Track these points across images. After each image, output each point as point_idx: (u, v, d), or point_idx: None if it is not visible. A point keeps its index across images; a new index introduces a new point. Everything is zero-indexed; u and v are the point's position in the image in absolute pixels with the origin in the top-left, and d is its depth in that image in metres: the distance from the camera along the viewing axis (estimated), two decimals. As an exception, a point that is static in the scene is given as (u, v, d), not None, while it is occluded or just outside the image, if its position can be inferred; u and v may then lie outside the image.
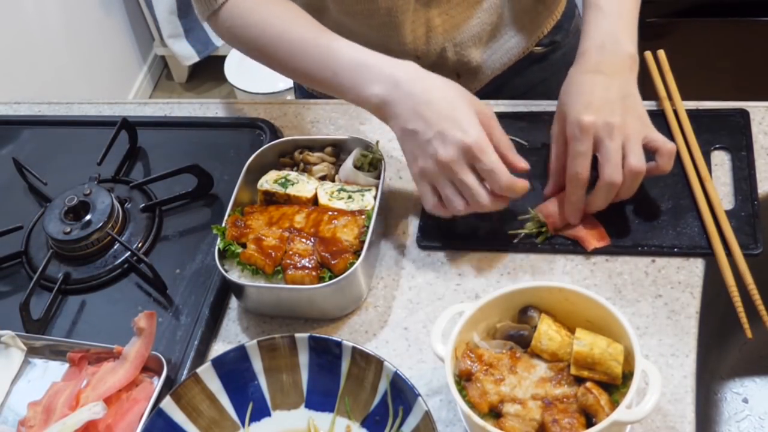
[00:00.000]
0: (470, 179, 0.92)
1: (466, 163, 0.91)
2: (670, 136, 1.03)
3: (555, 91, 1.00)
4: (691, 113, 1.07)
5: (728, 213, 0.96)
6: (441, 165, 0.92)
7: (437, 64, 1.17)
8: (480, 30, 1.17)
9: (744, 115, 1.05)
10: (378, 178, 1.03)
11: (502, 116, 1.12)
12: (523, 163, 0.95)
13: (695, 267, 0.93)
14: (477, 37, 1.18)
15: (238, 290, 0.98)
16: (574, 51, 1.30)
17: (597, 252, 0.96)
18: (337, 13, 1.14)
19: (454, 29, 1.16)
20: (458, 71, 1.20)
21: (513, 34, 1.22)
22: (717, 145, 1.03)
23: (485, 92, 1.23)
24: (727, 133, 1.04)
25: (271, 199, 1.04)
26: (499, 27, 1.20)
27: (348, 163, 1.04)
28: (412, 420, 0.83)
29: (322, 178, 1.05)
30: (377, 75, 0.96)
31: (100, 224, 1.08)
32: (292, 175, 1.05)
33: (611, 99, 0.95)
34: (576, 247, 0.97)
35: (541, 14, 1.22)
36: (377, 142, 1.04)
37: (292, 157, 1.08)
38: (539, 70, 1.27)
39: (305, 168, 1.06)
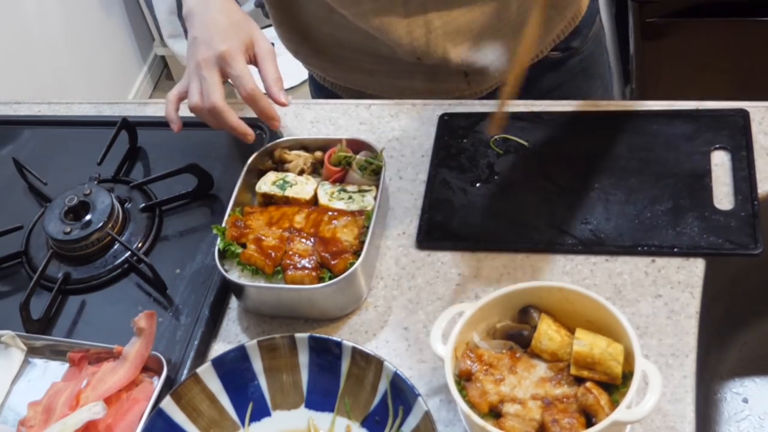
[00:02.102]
0: (211, 77, 1.03)
1: (217, 65, 1.03)
2: None
3: (570, 97, 1.00)
4: (691, 113, 1.07)
5: (728, 213, 0.96)
6: (197, 64, 1.04)
7: (441, 64, 1.17)
8: (482, 32, 1.17)
9: (744, 115, 1.05)
10: (378, 178, 1.03)
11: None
12: (282, 98, 1.04)
13: (695, 267, 0.93)
14: (480, 39, 1.18)
15: (238, 290, 0.98)
16: (592, 57, 1.30)
17: (597, 252, 0.96)
18: (338, 16, 1.15)
19: (455, 31, 1.16)
20: (465, 71, 1.20)
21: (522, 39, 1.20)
22: (717, 145, 1.03)
23: (497, 95, 1.22)
24: (727, 133, 1.04)
25: (270, 201, 1.04)
26: (503, 30, 1.19)
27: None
28: (412, 420, 0.83)
29: (300, 173, 1.05)
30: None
31: (100, 224, 1.08)
32: (291, 176, 1.05)
33: None
34: (574, 249, 0.97)
35: (552, 19, 1.21)
36: (382, 150, 1.04)
37: (273, 160, 1.08)
38: (555, 75, 1.26)
39: (282, 167, 1.06)
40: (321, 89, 1.35)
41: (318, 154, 1.07)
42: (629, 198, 1.00)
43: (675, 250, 0.95)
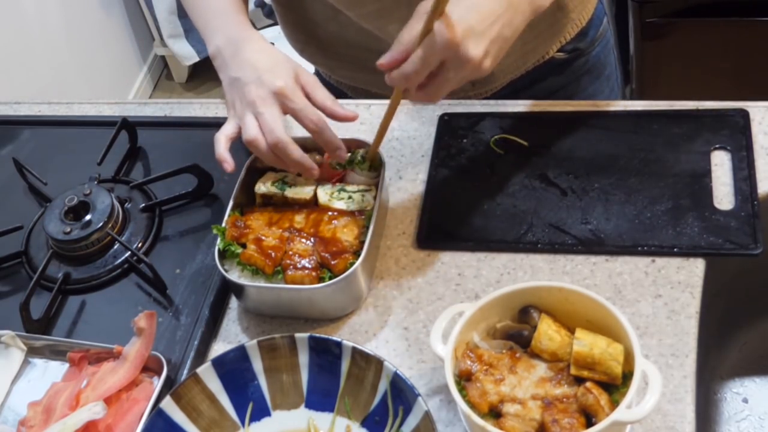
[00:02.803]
0: (271, 112, 0.98)
1: (276, 102, 0.98)
2: None
3: (575, 98, 1.00)
4: (691, 113, 1.07)
5: (728, 213, 0.96)
6: (249, 103, 0.98)
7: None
8: None
9: (744, 115, 1.06)
10: (378, 178, 1.03)
11: (502, 116, 1.13)
12: (350, 112, 1.00)
13: (695, 267, 0.93)
14: None
15: (238, 290, 0.98)
16: (598, 59, 1.29)
17: (597, 252, 0.96)
18: (343, 16, 1.15)
19: None
20: None
21: (529, 39, 1.19)
22: (717, 145, 1.03)
23: (502, 95, 1.23)
24: (727, 132, 1.04)
25: (269, 201, 1.04)
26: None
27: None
28: (412, 420, 0.83)
29: (299, 174, 1.05)
30: (223, 26, 1.06)
31: (100, 224, 1.08)
32: (290, 176, 1.05)
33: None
34: (574, 248, 0.97)
35: (559, 21, 1.20)
36: (369, 146, 1.04)
37: None
38: (560, 76, 1.26)
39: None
40: (328, 87, 1.34)
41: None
42: (629, 198, 1.00)
43: (675, 250, 0.95)
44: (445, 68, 0.90)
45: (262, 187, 1.04)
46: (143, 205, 1.13)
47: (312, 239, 0.97)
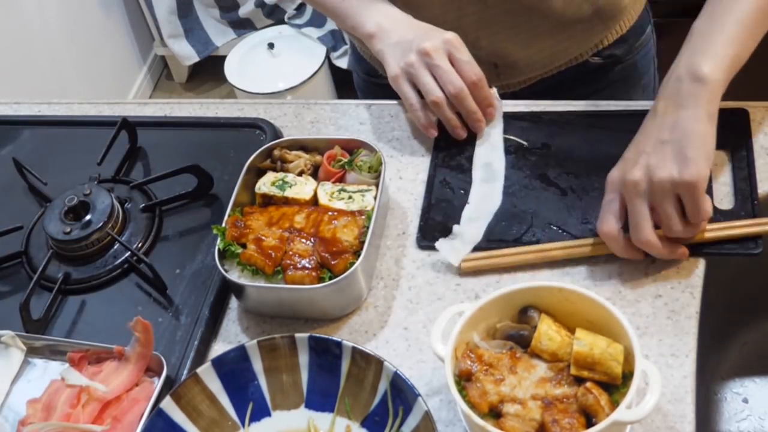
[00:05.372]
0: (446, 64, 1.04)
1: (445, 52, 1.04)
2: None
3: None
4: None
5: (728, 213, 0.96)
6: (422, 53, 1.04)
7: (471, 52, 1.15)
8: (515, 26, 1.16)
9: (743, 114, 1.05)
10: (378, 178, 1.03)
11: (503, 116, 1.13)
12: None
13: (695, 267, 0.93)
14: (514, 32, 1.16)
15: (238, 290, 0.98)
16: (635, 67, 1.26)
17: (597, 251, 0.96)
18: None
19: (489, 20, 1.15)
20: (495, 62, 1.19)
21: (561, 39, 1.19)
22: (716, 145, 1.03)
23: (530, 92, 1.22)
24: (727, 132, 1.04)
25: (269, 201, 1.04)
26: (540, 28, 1.17)
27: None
28: (412, 420, 0.83)
29: (300, 174, 1.05)
30: (380, 8, 1.11)
31: (100, 224, 1.08)
32: (290, 176, 1.05)
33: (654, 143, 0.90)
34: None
35: (595, 27, 1.19)
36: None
37: (272, 159, 1.08)
38: (593, 81, 1.25)
39: (282, 167, 1.06)
40: (360, 60, 1.34)
41: (318, 157, 1.07)
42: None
43: (675, 249, 0.95)
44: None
45: (263, 187, 1.04)
46: (143, 205, 1.13)
47: (312, 239, 0.97)
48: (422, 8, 1.13)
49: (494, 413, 0.79)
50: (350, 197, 1.02)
